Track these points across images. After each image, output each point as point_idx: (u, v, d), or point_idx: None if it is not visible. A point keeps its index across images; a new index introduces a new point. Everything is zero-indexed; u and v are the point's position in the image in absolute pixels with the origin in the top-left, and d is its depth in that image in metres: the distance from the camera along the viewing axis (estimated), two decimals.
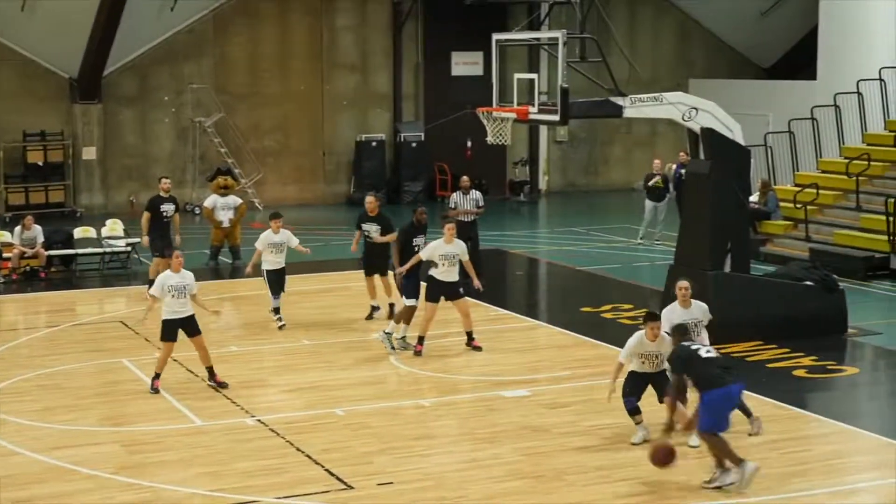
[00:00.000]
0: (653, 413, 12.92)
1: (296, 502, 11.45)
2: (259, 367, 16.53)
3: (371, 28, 34.68)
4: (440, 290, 16.72)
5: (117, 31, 30.28)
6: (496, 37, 19.34)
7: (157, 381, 15.15)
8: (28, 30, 30.60)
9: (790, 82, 34.32)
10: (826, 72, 30.02)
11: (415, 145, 34.60)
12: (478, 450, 12.91)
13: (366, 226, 18.96)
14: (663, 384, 12.69)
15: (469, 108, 25.53)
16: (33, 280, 23.05)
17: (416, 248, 17.28)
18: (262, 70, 33.78)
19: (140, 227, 21.53)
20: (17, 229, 23.21)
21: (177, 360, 16.67)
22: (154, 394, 14.97)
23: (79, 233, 24.61)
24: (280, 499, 11.51)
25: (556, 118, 17.95)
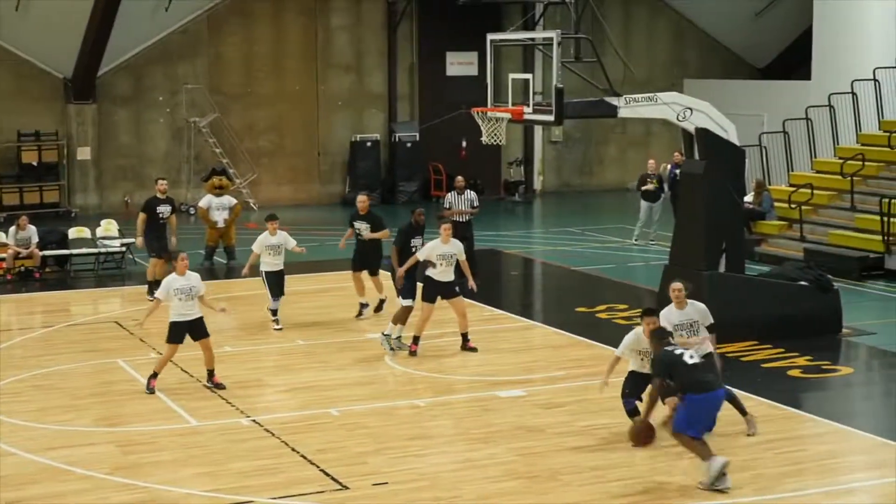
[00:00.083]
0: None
1: (291, 502, 11.45)
2: (254, 367, 16.52)
3: (366, 28, 34.68)
4: (437, 290, 16.72)
5: (111, 32, 30.26)
6: (491, 37, 19.36)
7: (153, 381, 15.12)
8: (22, 30, 30.57)
9: (784, 82, 34.39)
10: (820, 72, 30.06)
11: (409, 145, 34.61)
12: (473, 450, 12.91)
13: (357, 224, 19.11)
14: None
15: (464, 108, 25.59)
16: (28, 280, 23.02)
17: (413, 249, 17.29)
18: (256, 70, 33.78)
19: (135, 227, 21.50)
20: (12, 229, 23.19)
21: (172, 361, 16.67)
22: (150, 394, 14.96)
23: (73, 233, 24.60)
24: (275, 499, 11.50)
25: (551, 118, 17.95)
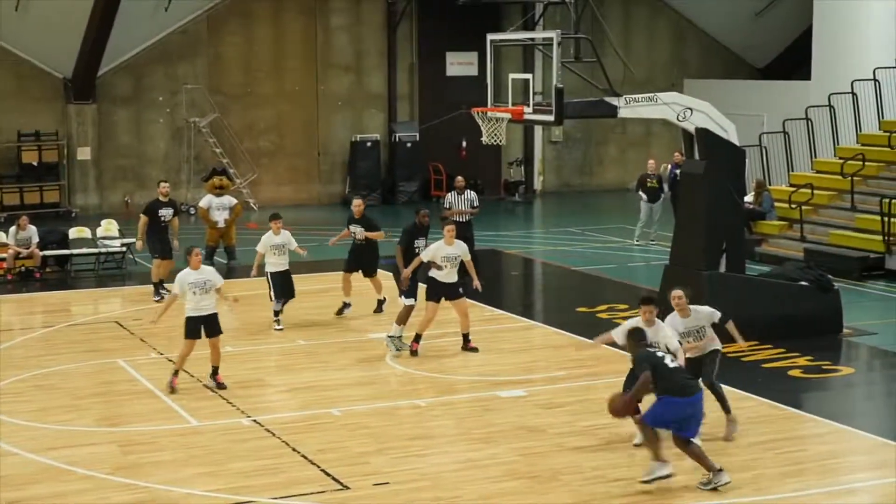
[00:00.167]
0: None
1: (292, 502, 11.45)
2: (255, 367, 16.52)
3: (366, 28, 34.69)
4: (440, 291, 16.71)
5: (111, 32, 30.27)
6: (491, 37, 19.37)
7: (175, 379, 15.09)
8: (22, 30, 30.58)
9: (785, 82, 34.39)
10: (820, 72, 30.06)
11: (409, 145, 34.61)
12: (474, 450, 12.91)
13: (352, 227, 19.27)
14: None
15: (464, 108, 25.61)
16: (28, 280, 23.02)
17: (417, 250, 17.25)
18: (256, 70, 33.79)
19: (136, 228, 21.50)
20: (12, 229, 23.19)
21: (172, 361, 16.67)
22: (171, 392, 14.93)
23: (74, 233, 24.60)
24: (276, 499, 11.50)
25: (551, 118, 17.95)
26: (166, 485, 11.89)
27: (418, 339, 16.84)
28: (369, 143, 34.38)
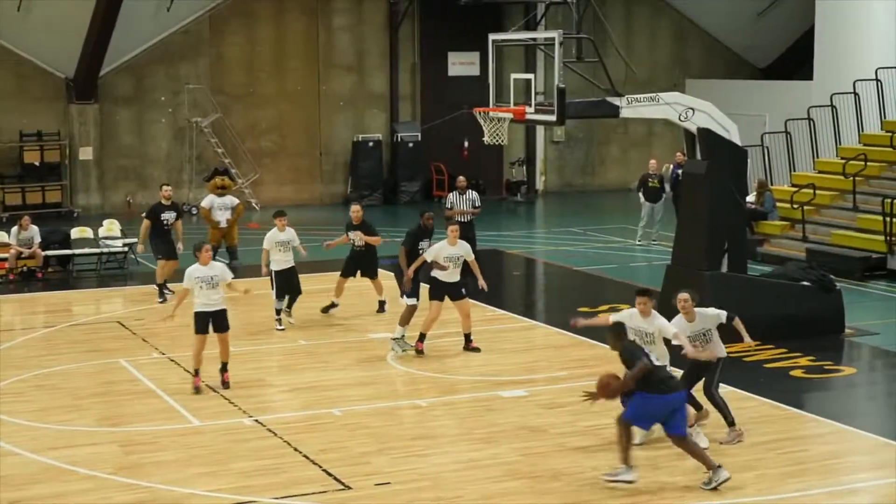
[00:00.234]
0: None
1: (293, 502, 11.45)
2: (256, 367, 16.51)
3: (367, 28, 34.69)
4: (443, 291, 16.69)
5: (113, 32, 30.28)
6: (493, 37, 19.36)
7: (197, 379, 15.07)
8: (24, 30, 30.60)
9: (786, 82, 34.37)
10: (822, 72, 30.06)
11: (411, 145, 34.62)
12: (475, 450, 12.90)
13: (351, 234, 19.31)
14: None
15: (466, 108, 25.59)
16: (30, 280, 23.04)
17: (421, 252, 17.19)
18: (258, 70, 33.80)
19: (138, 230, 21.47)
20: (14, 229, 23.20)
21: (174, 361, 16.70)
22: (196, 393, 14.90)
23: (76, 233, 24.62)
24: (277, 499, 11.50)
25: (553, 118, 17.95)
26: (168, 485, 11.89)
27: (423, 338, 16.83)
28: (371, 144, 34.37)
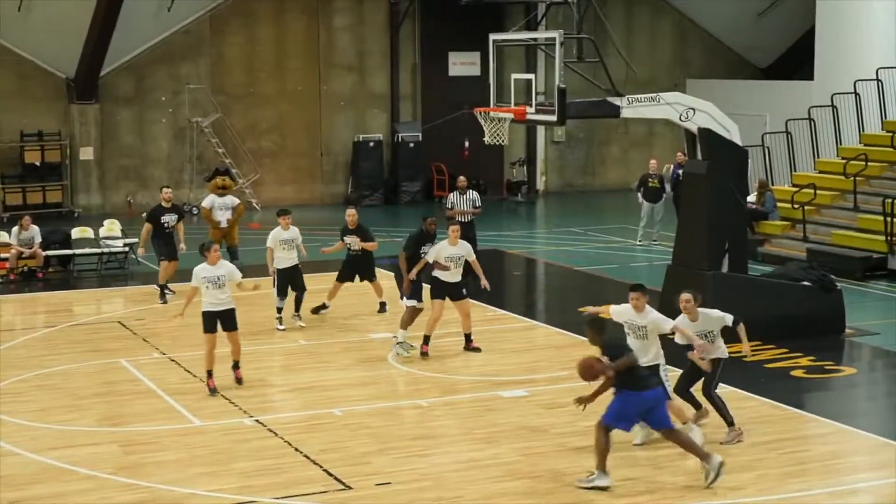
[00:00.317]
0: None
1: (294, 502, 11.45)
2: (257, 367, 16.49)
3: (368, 28, 34.69)
4: (445, 291, 16.67)
5: (114, 32, 30.29)
6: (493, 37, 19.36)
7: (211, 381, 15.05)
8: (25, 30, 30.60)
9: (787, 83, 34.37)
10: (823, 72, 30.06)
11: (412, 145, 34.62)
12: (476, 450, 12.91)
13: (347, 238, 19.28)
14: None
15: (466, 108, 25.58)
16: (31, 280, 23.04)
17: (423, 256, 17.11)
18: (258, 70, 33.79)
19: (138, 230, 21.46)
20: (15, 229, 23.20)
21: (174, 361, 16.70)
22: (212, 395, 14.88)
23: (76, 233, 24.62)
24: (278, 499, 11.50)
25: (554, 118, 17.96)
26: (168, 485, 11.89)
27: (427, 340, 16.79)
28: (372, 144, 34.37)
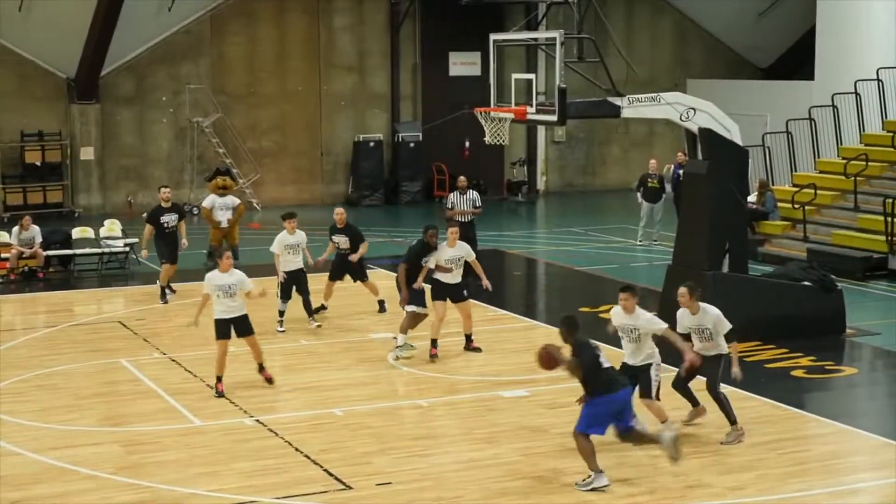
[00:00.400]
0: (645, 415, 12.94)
1: (294, 502, 11.45)
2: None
3: (368, 28, 34.69)
4: (446, 293, 16.64)
5: (115, 32, 30.29)
6: (494, 37, 19.36)
7: (220, 385, 15.02)
8: (25, 30, 30.60)
9: (788, 83, 34.37)
10: (824, 72, 30.06)
11: (413, 145, 34.62)
12: (476, 450, 12.91)
13: (335, 237, 19.24)
14: (647, 384, 12.79)
15: (467, 108, 25.59)
16: (31, 280, 23.05)
17: (423, 265, 16.98)
18: (259, 70, 33.79)
19: (140, 232, 21.44)
20: (15, 229, 23.21)
21: (175, 361, 16.72)
22: (218, 397, 14.86)
23: (77, 233, 24.63)
24: (279, 499, 11.51)
25: (554, 118, 17.95)
26: (169, 485, 11.90)
27: (435, 343, 16.75)
28: (372, 144, 34.37)
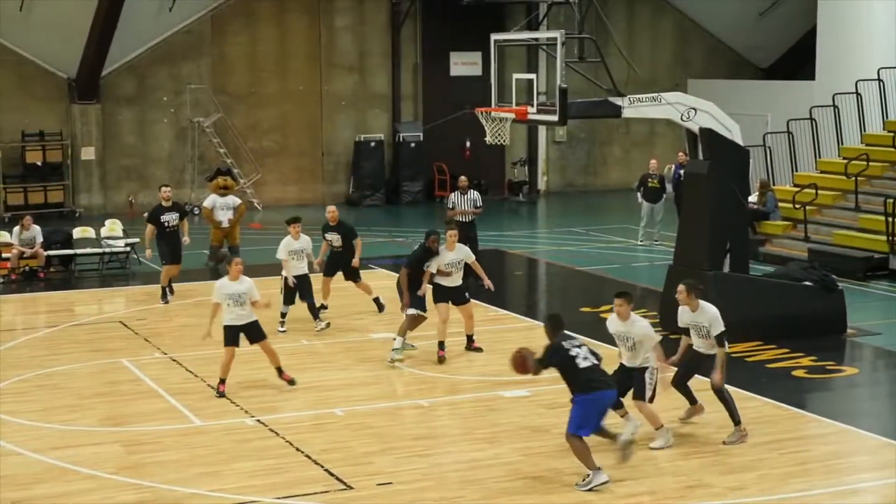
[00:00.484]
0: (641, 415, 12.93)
1: (295, 502, 11.45)
2: (258, 367, 16.45)
3: (369, 28, 34.69)
4: (447, 296, 16.60)
5: (115, 32, 30.30)
6: (495, 37, 19.35)
7: (222, 386, 15.02)
8: (26, 30, 30.60)
9: (789, 82, 34.37)
10: (824, 72, 30.05)
11: (413, 145, 34.61)
12: (477, 450, 12.91)
13: (328, 235, 19.24)
14: (641, 386, 12.78)
15: (468, 108, 25.58)
16: (32, 280, 23.05)
17: (425, 270, 16.96)
18: (260, 70, 33.79)
19: (143, 232, 21.44)
20: (16, 229, 23.21)
21: (176, 361, 16.72)
22: (219, 397, 14.85)
23: (78, 233, 24.62)
24: (280, 499, 11.51)
25: (555, 118, 17.95)
26: (170, 484, 11.90)
27: (442, 346, 16.69)
28: (373, 144, 34.37)
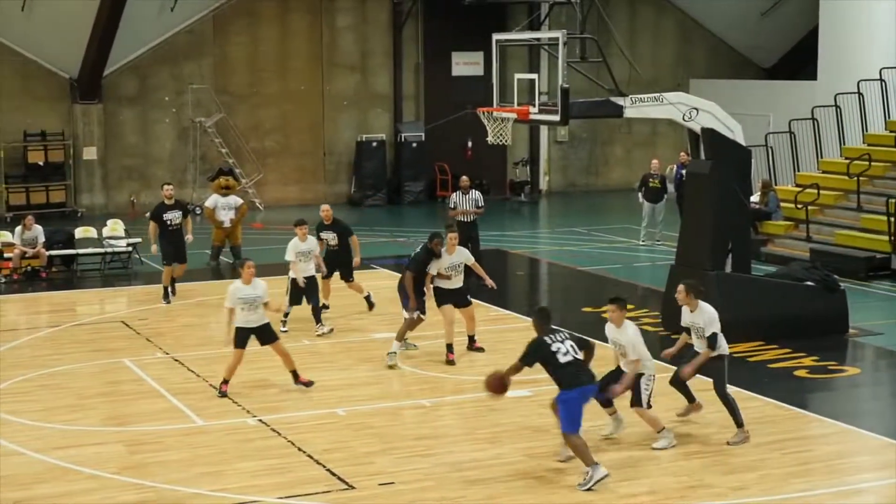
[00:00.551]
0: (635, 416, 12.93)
1: (297, 502, 11.45)
2: (260, 367, 16.47)
3: (371, 28, 34.70)
4: (449, 299, 16.56)
5: (117, 32, 30.31)
6: (496, 37, 19.35)
7: (224, 386, 15.03)
8: (28, 30, 30.62)
9: (791, 82, 34.37)
10: (826, 72, 30.05)
11: (415, 145, 34.62)
12: (479, 450, 12.91)
13: (323, 234, 19.23)
14: (638, 391, 12.79)
15: (469, 108, 25.60)
16: (34, 280, 23.06)
17: (428, 273, 16.97)
18: (261, 70, 33.80)
19: (146, 231, 21.45)
20: (18, 229, 23.23)
21: (178, 360, 16.72)
22: (221, 397, 14.87)
23: (80, 233, 24.63)
24: (282, 499, 11.51)
25: (557, 118, 17.95)
26: (172, 484, 11.90)
27: (451, 349, 16.67)
28: (375, 143, 34.38)
